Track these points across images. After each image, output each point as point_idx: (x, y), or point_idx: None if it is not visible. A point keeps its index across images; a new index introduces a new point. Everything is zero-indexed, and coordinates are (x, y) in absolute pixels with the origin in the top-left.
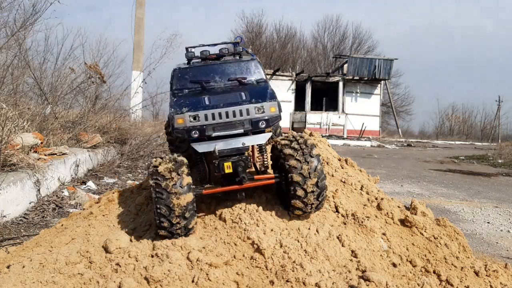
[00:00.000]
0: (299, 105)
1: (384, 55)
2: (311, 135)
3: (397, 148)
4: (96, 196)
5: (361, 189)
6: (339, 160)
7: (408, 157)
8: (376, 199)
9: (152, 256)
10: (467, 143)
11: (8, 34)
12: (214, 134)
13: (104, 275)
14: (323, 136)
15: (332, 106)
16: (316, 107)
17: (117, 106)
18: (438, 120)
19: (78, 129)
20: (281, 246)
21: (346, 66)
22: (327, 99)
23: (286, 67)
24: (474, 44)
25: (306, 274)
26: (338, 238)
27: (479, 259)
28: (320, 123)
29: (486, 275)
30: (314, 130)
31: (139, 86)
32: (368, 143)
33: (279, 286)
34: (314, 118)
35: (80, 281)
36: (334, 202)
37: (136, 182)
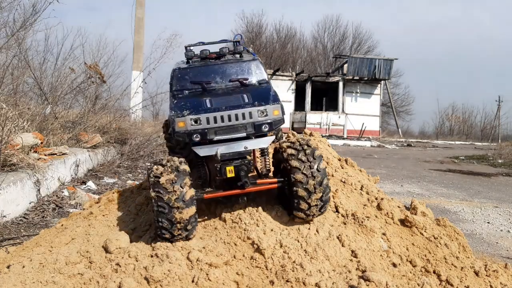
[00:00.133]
0: (299, 105)
1: (384, 55)
2: (311, 135)
3: (397, 148)
4: (96, 196)
5: (361, 189)
6: (339, 160)
7: (408, 157)
8: (376, 199)
9: (152, 256)
10: (467, 143)
11: (8, 34)
12: (216, 138)
13: (104, 275)
14: (323, 136)
15: (332, 106)
16: (316, 107)
17: (117, 106)
18: (438, 120)
19: (78, 129)
20: (281, 246)
21: (346, 66)
22: (327, 99)
23: (286, 67)
24: (474, 44)
25: (306, 274)
26: (338, 238)
27: (479, 259)
28: (320, 123)
29: (486, 275)
30: (314, 130)
31: (139, 86)
32: (368, 143)
33: (279, 286)
34: (314, 118)
35: (80, 281)
36: (334, 202)
37: (136, 182)
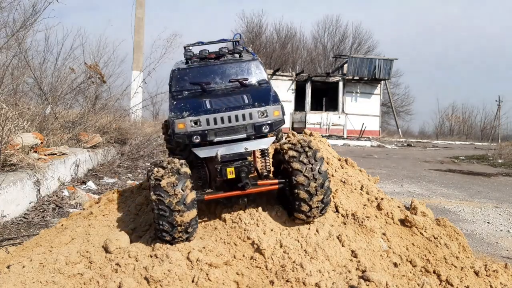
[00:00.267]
0: (299, 105)
1: (384, 55)
2: (311, 135)
3: (397, 148)
4: (96, 196)
5: (361, 189)
6: (339, 160)
7: (408, 157)
8: (376, 199)
9: (152, 256)
10: (467, 143)
11: (8, 34)
12: (216, 139)
13: (104, 275)
14: (323, 136)
15: (332, 106)
16: (316, 107)
17: (117, 106)
18: (438, 120)
19: (78, 129)
20: (281, 246)
21: (346, 66)
22: (327, 99)
23: (286, 67)
24: (474, 44)
25: (306, 274)
26: (338, 238)
27: (479, 259)
28: (320, 123)
29: (486, 275)
30: (314, 130)
31: (139, 86)
32: (368, 143)
33: (279, 286)
34: (314, 118)
35: (80, 281)
36: (334, 202)
37: (136, 182)
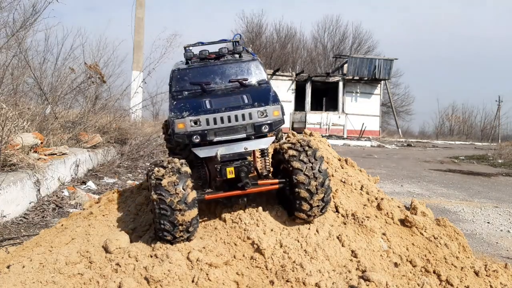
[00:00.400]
0: (299, 105)
1: (384, 55)
2: (311, 135)
3: (397, 148)
4: (96, 196)
5: (361, 189)
6: (339, 160)
7: (408, 157)
8: (376, 199)
9: (152, 256)
10: (467, 143)
11: (8, 34)
12: (216, 139)
13: (104, 275)
14: (323, 136)
15: (332, 106)
16: (316, 107)
17: (117, 106)
18: (438, 120)
19: (78, 129)
20: (281, 246)
21: (346, 66)
22: (327, 99)
23: (286, 67)
24: (474, 44)
25: (306, 274)
26: (338, 238)
27: (479, 259)
28: (320, 123)
29: (486, 275)
30: (314, 130)
31: (139, 86)
32: (368, 143)
33: (279, 286)
34: (314, 118)
35: (80, 281)
36: (334, 202)
37: (136, 182)
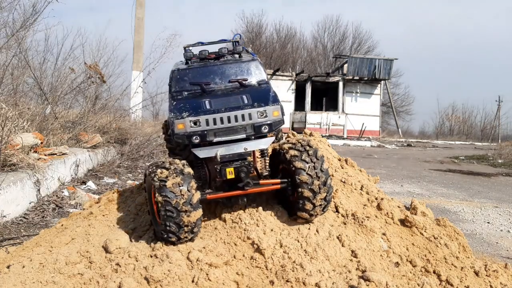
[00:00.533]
0: (299, 105)
1: (384, 55)
2: (311, 135)
3: (397, 148)
4: (96, 196)
5: (361, 189)
6: (339, 160)
7: (408, 157)
8: (376, 199)
9: (152, 256)
10: (467, 143)
11: (8, 34)
12: (215, 140)
13: (104, 275)
14: (323, 136)
15: (332, 106)
16: (316, 107)
17: (117, 106)
18: (438, 120)
19: (78, 129)
20: (281, 246)
21: (346, 66)
22: (327, 99)
23: (286, 67)
24: (474, 44)
25: (306, 274)
26: (338, 238)
27: (479, 259)
28: (320, 123)
29: (486, 275)
30: (314, 130)
31: (139, 86)
32: (368, 143)
33: (279, 286)
34: (314, 118)
35: (80, 281)
36: (334, 202)
37: (136, 182)
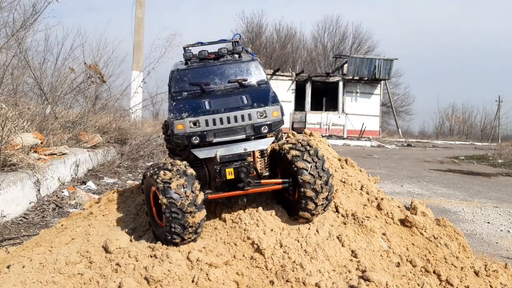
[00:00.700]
0: (299, 105)
1: (384, 55)
2: (311, 135)
3: (397, 148)
4: (96, 196)
5: (361, 189)
6: (339, 160)
7: (408, 157)
8: (376, 199)
9: (152, 256)
10: (467, 143)
11: (8, 34)
12: (215, 140)
13: (104, 275)
14: (323, 136)
15: (332, 106)
16: (316, 107)
17: (117, 106)
18: (438, 120)
19: (78, 129)
20: (281, 246)
21: (346, 66)
22: (327, 99)
23: (286, 67)
24: (475, 44)
25: (306, 274)
26: (338, 238)
27: (479, 259)
28: (320, 123)
29: (486, 275)
30: (314, 130)
31: (139, 86)
32: (368, 143)
33: (279, 286)
34: (314, 118)
35: (80, 281)
36: (334, 202)
37: (136, 182)
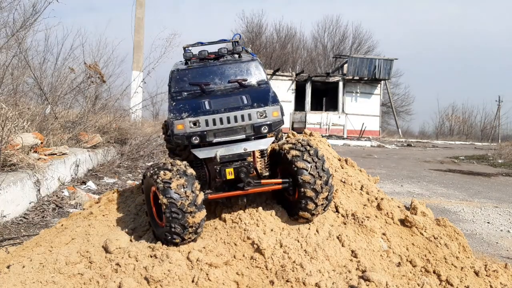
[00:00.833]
0: (299, 105)
1: (384, 55)
2: (311, 135)
3: (397, 148)
4: (96, 196)
5: (361, 189)
6: (339, 160)
7: (408, 157)
8: (376, 199)
9: (152, 256)
10: (467, 143)
11: (8, 34)
12: (215, 140)
13: (104, 275)
14: (323, 136)
15: (332, 106)
16: (316, 107)
17: (117, 106)
18: (438, 120)
19: (78, 129)
20: (281, 246)
21: (346, 66)
22: (327, 99)
23: (286, 67)
24: (475, 44)
25: (306, 274)
26: (338, 238)
27: (479, 259)
28: (320, 123)
29: (486, 275)
30: (314, 130)
31: (139, 86)
32: (368, 143)
33: (279, 286)
34: (314, 118)
35: (80, 281)
36: (334, 202)
37: (136, 182)
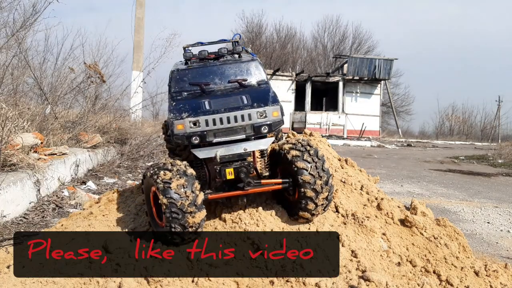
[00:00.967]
0: (299, 105)
1: (384, 55)
2: (311, 135)
3: (397, 148)
4: (96, 196)
5: (361, 189)
6: (339, 160)
7: (408, 157)
8: (376, 199)
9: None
10: (467, 143)
11: (8, 34)
12: (215, 140)
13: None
14: (323, 136)
15: (332, 106)
16: (316, 107)
17: (117, 106)
18: (438, 120)
19: (78, 129)
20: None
21: (346, 66)
22: (327, 99)
23: (286, 67)
24: (475, 44)
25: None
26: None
27: (479, 259)
28: (320, 123)
29: (486, 275)
30: (314, 130)
31: (139, 86)
32: (368, 143)
33: (279, 286)
34: (314, 118)
35: (80, 281)
36: (334, 202)
37: (136, 182)
